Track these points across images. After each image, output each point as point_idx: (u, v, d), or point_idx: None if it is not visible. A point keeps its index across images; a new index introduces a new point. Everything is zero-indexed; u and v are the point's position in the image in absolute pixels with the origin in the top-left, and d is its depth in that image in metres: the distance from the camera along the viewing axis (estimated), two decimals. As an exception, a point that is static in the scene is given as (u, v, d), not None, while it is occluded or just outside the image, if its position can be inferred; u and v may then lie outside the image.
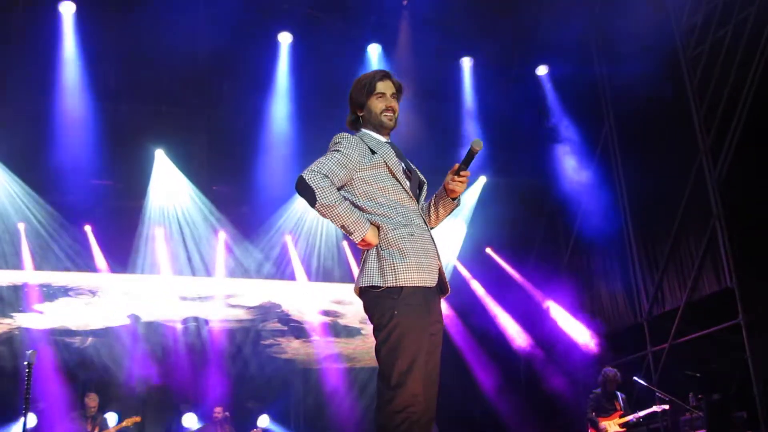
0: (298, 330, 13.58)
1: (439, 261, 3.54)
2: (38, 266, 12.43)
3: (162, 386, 12.26)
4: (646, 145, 11.86)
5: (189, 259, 13.17)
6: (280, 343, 13.44)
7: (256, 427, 11.10)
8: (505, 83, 12.86)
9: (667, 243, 11.39)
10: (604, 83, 12.97)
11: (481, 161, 13.24)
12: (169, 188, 12.86)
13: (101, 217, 12.67)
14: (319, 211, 3.47)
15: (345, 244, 13.99)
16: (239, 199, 12.86)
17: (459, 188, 3.63)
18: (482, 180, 13.79)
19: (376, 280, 3.42)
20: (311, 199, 3.45)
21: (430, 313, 3.43)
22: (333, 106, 11.69)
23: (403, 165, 3.67)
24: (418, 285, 3.37)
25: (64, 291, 12.73)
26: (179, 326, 13.04)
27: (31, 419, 9.94)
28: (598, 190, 12.72)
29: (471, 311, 14.00)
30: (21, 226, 12.33)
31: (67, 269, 12.62)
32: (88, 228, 12.69)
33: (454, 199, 3.71)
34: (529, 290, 14.03)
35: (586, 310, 13.22)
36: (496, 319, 14.07)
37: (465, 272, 14.42)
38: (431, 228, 3.73)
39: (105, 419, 10.23)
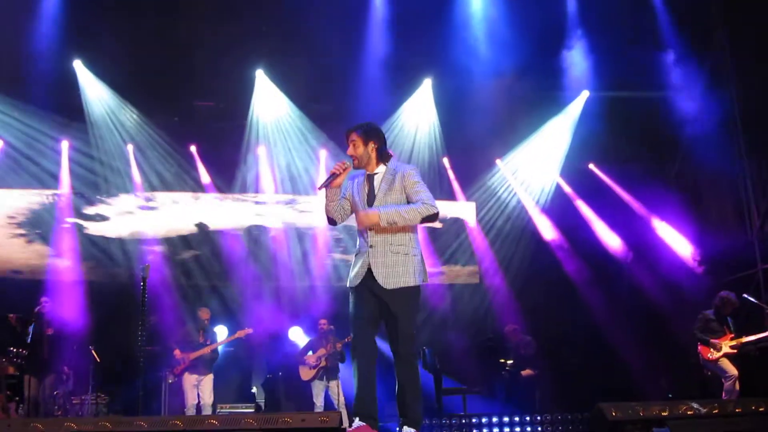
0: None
1: (370, 265, 5.09)
2: (146, 186, 12.93)
3: (269, 298, 12.70)
4: (759, 53, 11.20)
5: (292, 176, 13.42)
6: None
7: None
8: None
9: (782, 156, 10.89)
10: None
11: (584, 75, 12.82)
12: (270, 107, 13.05)
13: (205, 137, 13.04)
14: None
15: (446, 160, 13.93)
16: (339, 116, 12.88)
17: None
18: (585, 94, 13.37)
19: None
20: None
21: (361, 298, 5.14)
22: (426, 27, 11.54)
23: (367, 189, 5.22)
24: (349, 285, 5.20)
25: (172, 205, 13.20)
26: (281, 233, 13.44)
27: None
28: (709, 101, 12.15)
29: (574, 228, 13.83)
30: (129, 148, 12.81)
31: (174, 188, 13.09)
32: (193, 148, 13.10)
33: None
34: (634, 206, 13.73)
35: (694, 226, 12.85)
36: (599, 236, 13.87)
37: (567, 188, 14.19)
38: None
39: (215, 333, 10.64)
